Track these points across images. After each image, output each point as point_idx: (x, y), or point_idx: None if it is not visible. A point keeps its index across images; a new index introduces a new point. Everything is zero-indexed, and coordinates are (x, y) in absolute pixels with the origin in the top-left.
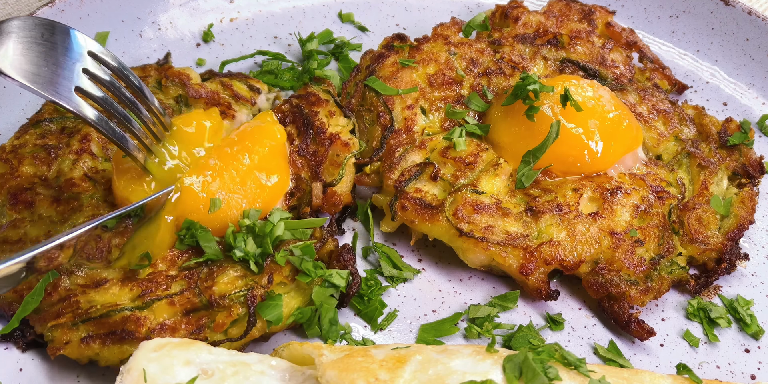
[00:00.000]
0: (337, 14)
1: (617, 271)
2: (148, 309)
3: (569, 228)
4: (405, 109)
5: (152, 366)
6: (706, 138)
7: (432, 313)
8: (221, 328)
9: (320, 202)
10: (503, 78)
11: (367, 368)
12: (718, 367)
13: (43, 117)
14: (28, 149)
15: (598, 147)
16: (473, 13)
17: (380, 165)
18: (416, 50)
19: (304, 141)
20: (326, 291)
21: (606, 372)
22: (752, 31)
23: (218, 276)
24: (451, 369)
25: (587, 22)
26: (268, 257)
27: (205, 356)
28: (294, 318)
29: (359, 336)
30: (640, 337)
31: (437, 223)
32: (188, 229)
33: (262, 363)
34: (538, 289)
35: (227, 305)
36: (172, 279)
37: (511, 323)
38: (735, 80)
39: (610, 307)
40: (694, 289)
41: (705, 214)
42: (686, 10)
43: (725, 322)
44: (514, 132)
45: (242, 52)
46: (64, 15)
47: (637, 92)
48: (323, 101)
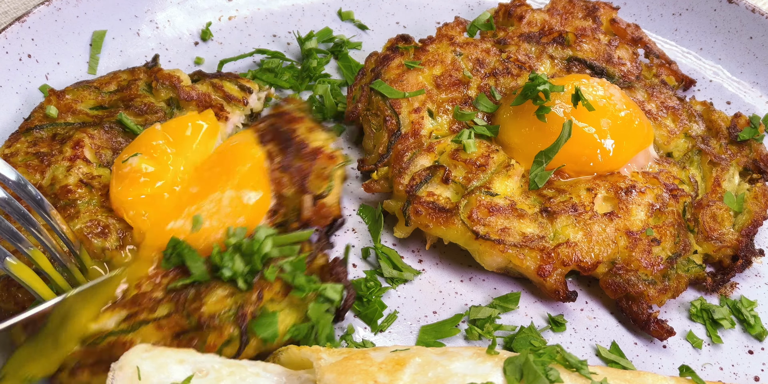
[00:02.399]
0: (337, 12)
1: (635, 270)
2: (135, 332)
3: (585, 228)
4: (412, 113)
5: (146, 364)
6: (716, 134)
7: (432, 315)
8: (213, 349)
9: (310, 215)
10: (511, 78)
11: (366, 371)
12: (721, 368)
13: (33, 124)
14: (20, 158)
15: (611, 146)
16: (474, 10)
17: (388, 170)
18: (421, 51)
19: (286, 157)
20: (321, 307)
21: (608, 374)
22: (756, 29)
23: (206, 296)
24: (451, 371)
25: (592, 19)
26: (257, 274)
27: (199, 356)
28: (290, 335)
29: (359, 337)
30: (660, 336)
31: (452, 227)
32: (174, 247)
33: (257, 365)
34: (556, 290)
35: (217, 325)
36: (157, 302)
37: (513, 324)
38: (738, 79)
39: (629, 307)
40: (711, 287)
41: (719, 211)
42: (689, 7)
43: (729, 323)
44: (524, 133)
45: (241, 50)
46: (61, 13)
47: (645, 89)
48: (299, 118)
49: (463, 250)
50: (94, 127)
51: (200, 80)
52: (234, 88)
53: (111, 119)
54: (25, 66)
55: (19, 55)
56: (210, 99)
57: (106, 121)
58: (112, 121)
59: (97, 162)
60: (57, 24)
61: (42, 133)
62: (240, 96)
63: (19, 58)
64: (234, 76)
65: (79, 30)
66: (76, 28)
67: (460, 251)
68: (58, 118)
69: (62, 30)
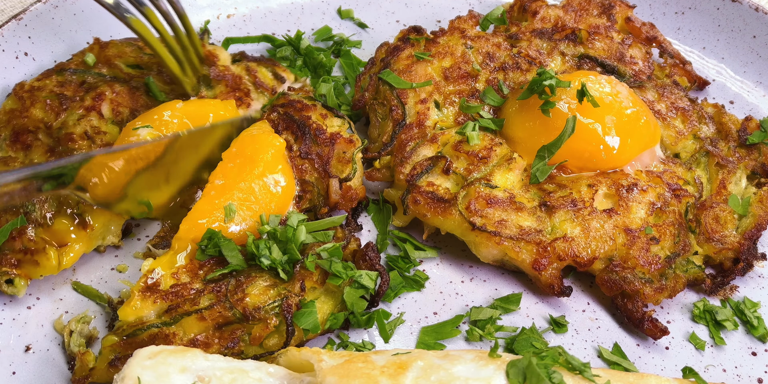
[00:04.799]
0: (336, 10)
1: (631, 268)
2: (177, 325)
3: (583, 224)
4: (418, 103)
5: (147, 373)
6: (725, 136)
7: (433, 316)
8: (258, 341)
9: (338, 199)
10: (520, 73)
11: (368, 375)
12: (724, 370)
13: (69, 66)
14: (44, 93)
15: (615, 143)
16: (475, 8)
17: (390, 159)
18: (432, 43)
19: (304, 144)
20: (357, 292)
21: (611, 377)
22: (759, 28)
23: (248, 287)
24: (454, 375)
25: (606, 16)
26: (298, 263)
27: (201, 363)
28: (330, 323)
29: (358, 338)
30: (653, 335)
31: (450, 217)
32: (210, 239)
33: (259, 370)
34: (550, 284)
35: (263, 317)
36: (198, 293)
37: (514, 326)
38: (742, 78)
39: (624, 305)
40: (710, 289)
41: (722, 213)
42: (692, 6)
43: (732, 324)
44: (528, 127)
45: (239, 49)
46: (58, 11)
47: (656, 89)
48: (311, 106)
49: (464, 251)
50: (122, 83)
51: (240, 61)
52: (267, 75)
53: (140, 80)
54: (22, 64)
55: (15, 53)
56: (240, 82)
57: (135, 81)
58: (141, 82)
59: (112, 118)
60: (54, 22)
61: (73, 77)
62: (271, 84)
63: (16, 56)
64: (273, 63)
65: (76, 28)
66: (73, 26)
67: (461, 252)
68: (94, 67)
69: (59, 28)
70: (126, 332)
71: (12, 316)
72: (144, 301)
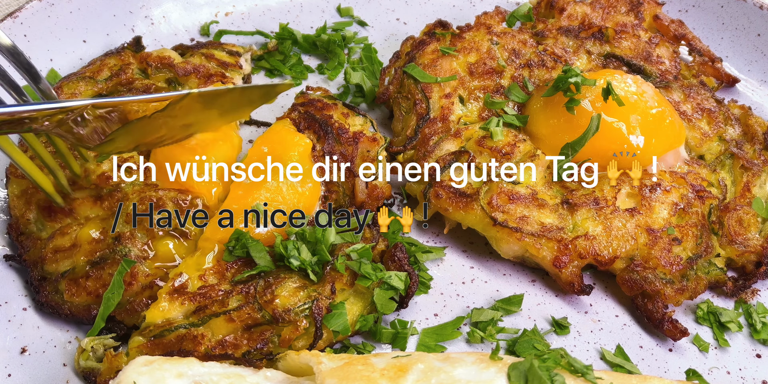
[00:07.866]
0: (336, 8)
1: (653, 268)
2: (205, 326)
3: (605, 223)
4: (443, 98)
5: (143, 379)
6: (751, 139)
7: (433, 317)
8: (287, 342)
9: (364, 198)
10: (545, 70)
11: (368, 377)
12: (728, 372)
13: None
14: None
15: (639, 142)
16: (475, 6)
17: (413, 153)
18: (458, 38)
19: (327, 144)
20: (386, 293)
21: (614, 379)
22: (764, 26)
23: (277, 288)
24: (455, 378)
25: (635, 14)
26: (327, 265)
27: (197, 369)
28: (359, 325)
29: (358, 341)
30: (673, 336)
31: (471, 212)
32: (238, 239)
33: (257, 375)
34: (571, 282)
35: (293, 319)
36: (227, 294)
37: (515, 327)
38: (746, 77)
39: (644, 305)
40: (731, 291)
41: (746, 216)
42: (696, 4)
43: (736, 326)
44: (553, 124)
45: (229, 40)
46: (54, 9)
47: (682, 90)
48: (331, 105)
49: (465, 252)
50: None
51: (187, 53)
52: (223, 54)
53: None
54: None
55: None
56: (207, 69)
57: None
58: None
59: None
60: (50, 20)
61: None
62: (233, 61)
63: None
64: (218, 44)
65: (72, 26)
66: (69, 25)
67: (462, 252)
68: None
69: (55, 26)
70: (153, 332)
71: (7, 318)
72: (171, 303)
